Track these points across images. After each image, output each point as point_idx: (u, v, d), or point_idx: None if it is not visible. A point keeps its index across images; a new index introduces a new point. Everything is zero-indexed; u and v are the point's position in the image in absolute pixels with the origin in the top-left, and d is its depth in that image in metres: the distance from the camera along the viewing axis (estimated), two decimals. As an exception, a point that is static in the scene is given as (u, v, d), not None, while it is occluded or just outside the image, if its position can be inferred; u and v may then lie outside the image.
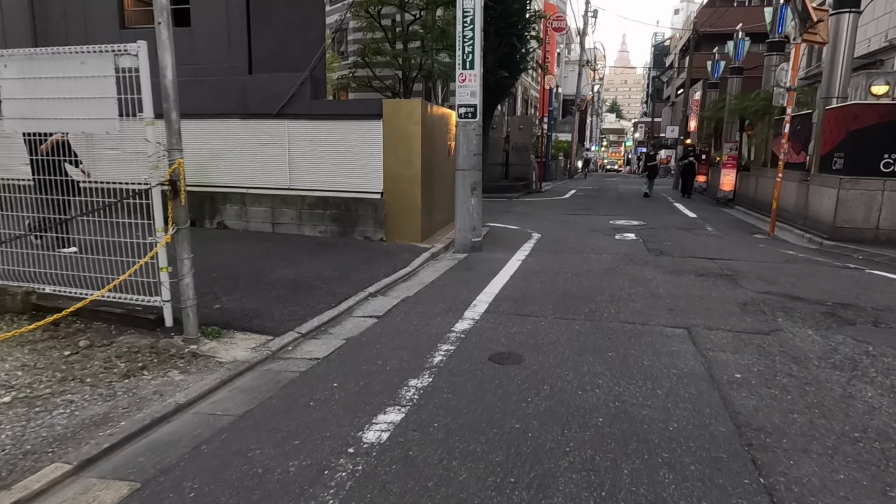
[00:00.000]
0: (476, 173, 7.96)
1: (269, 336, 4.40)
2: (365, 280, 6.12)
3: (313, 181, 8.52)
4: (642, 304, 5.40)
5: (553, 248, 8.64)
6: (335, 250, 7.60)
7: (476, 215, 8.02)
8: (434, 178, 8.89)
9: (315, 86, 8.44)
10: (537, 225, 11.23)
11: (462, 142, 7.84)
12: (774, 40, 15.19)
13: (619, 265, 7.29)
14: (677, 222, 12.07)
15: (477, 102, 7.72)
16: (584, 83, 39.06)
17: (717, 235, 10.23)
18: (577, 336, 4.49)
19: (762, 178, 14.30)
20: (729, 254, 8.24)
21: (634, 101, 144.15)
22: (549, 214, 13.39)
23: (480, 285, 6.16)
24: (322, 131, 8.37)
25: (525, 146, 21.81)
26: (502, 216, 12.84)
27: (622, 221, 11.88)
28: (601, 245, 8.90)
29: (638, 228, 10.86)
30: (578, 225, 11.38)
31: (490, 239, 9.40)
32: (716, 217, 13.43)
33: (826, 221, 9.92)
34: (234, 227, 8.90)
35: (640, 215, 13.20)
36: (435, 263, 7.43)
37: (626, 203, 16.81)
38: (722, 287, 6.15)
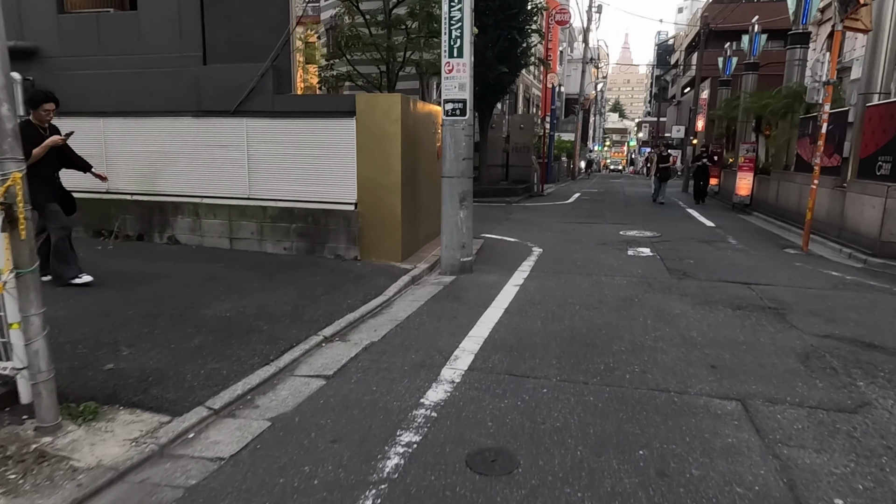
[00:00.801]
0: (466, 181, 6.72)
1: (166, 415, 3.17)
2: (323, 317, 4.89)
3: (276, 190, 7.29)
4: (674, 357, 4.16)
5: (557, 267, 7.40)
6: (297, 273, 6.36)
7: (466, 230, 6.79)
8: (419, 186, 7.65)
9: (279, 78, 7.21)
10: (539, 236, 9.99)
11: (449, 144, 6.60)
12: (798, 32, 13.93)
13: (637, 293, 6.05)
14: (695, 233, 10.82)
15: (467, 97, 6.48)
16: (588, 81, 37.80)
17: (744, 250, 8.97)
18: (593, 415, 3.25)
19: (785, 183, 13.04)
20: (764, 276, 6.99)
21: (637, 101, 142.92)
22: (551, 222, 12.14)
23: (467, 323, 4.92)
24: (287, 131, 7.14)
25: (526, 147, 20.57)
26: (500, 224, 11.60)
27: (634, 232, 10.63)
28: (613, 263, 7.66)
29: (652, 241, 9.61)
30: (585, 236, 10.14)
31: (484, 255, 8.16)
32: (736, 226, 12.16)
33: (869, 235, 8.67)
34: (187, 243, 7.67)
35: (653, 224, 11.95)
36: (415, 290, 6.20)
37: (635, 209, 15.56)
38: (769, 327, 4.90)
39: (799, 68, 13.82)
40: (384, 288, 5.95)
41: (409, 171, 7.16)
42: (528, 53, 18.23)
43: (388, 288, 5.97)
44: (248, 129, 7.25)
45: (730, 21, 28.66)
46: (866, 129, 9.26)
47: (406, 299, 5.80)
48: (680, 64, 49.11)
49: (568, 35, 46.61)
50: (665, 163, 16.86)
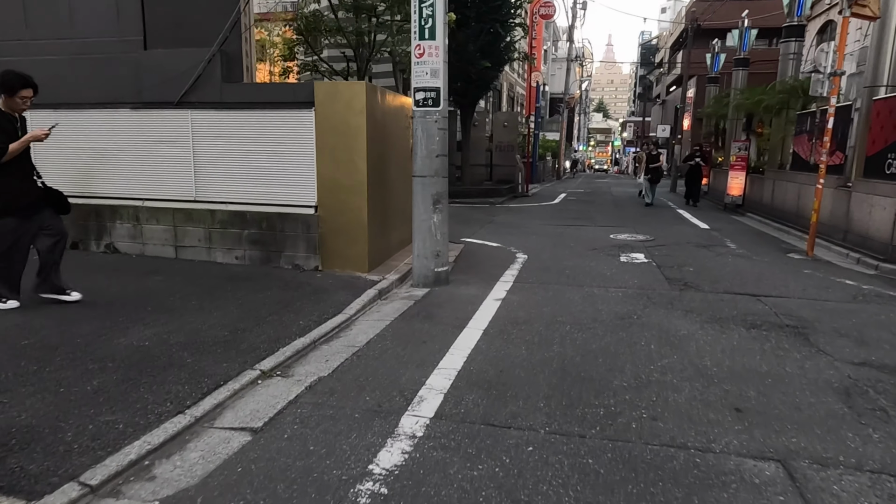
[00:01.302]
0: (440, 181, 5.92)
1: (18, 500, 2.33)
2: (265, 344, 4.06)
3: (226, 191, 6.44)
4: (689, 396, 3.39)
5: (544, 277, 6.63)
6: (245, 287, 5.52)
7: (441, 236, 5.99)
8: (390, 187, 6.84)
9: (228, 64, 6.36)
10: (524, 240, 9.22)
11: (420, 139, 5.80)
12: (793, 24, 13.32)
13: (636, 308, 5.29)
14: (690, 236, 10.12)
15: (440, 85, 5.68)
16: (573, 79, 37.22)
17: (745, 255, 8.27)
18: (594, 489, 2.45)
19: (781, 183, 12.42)
20: (774, 286, 6.28)
21: (621, 101, 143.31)
22: (537, 225, 11.39)
23: (438, 350, 4.13)
24: (237, 125, 6.29)
25: (510, 145, 19.83)
26: (482, 228, 10.82)
27: (625, 235, 9.90)
28: (606, 272, 6.90)
29: (646, 245, 8.88)
30: (573, 240, 9.38)
31: (463, 263, 7.37)
32: (732, 228, 11.49)
33: (879, 238, 8.01)
34: (128, 251, 6.78)
35: (644, 227, 11.24)
36: (382, 306, 5.38)
37: (624, 210, 14.86)
38: (794, 352, 4.16)
39: (794, 62, 13.23)
40: (345, 304, 5.13)
41: (377, 170, 6.34)
42: (511, 48, 17.50)
43: (349, 304, 5.15)
44: (193, 123, 6.38)
45: (715, 18, 28.22)
46: (874, 124, 8.62)
47: (370, 318, 4.99)
48: (665, 62, 48.81)
49: (552, 33, 46.06)
50: (655, 162, 16.02)
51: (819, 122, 10.64)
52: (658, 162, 16.23)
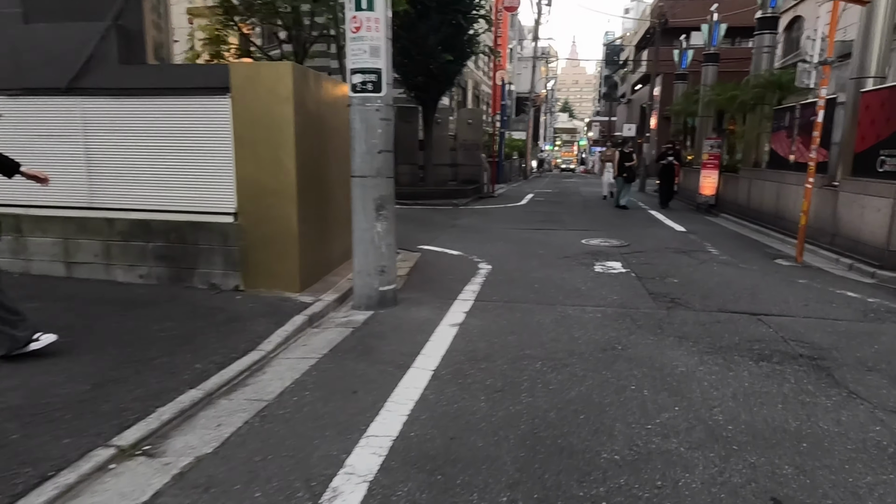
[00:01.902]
0: (384, 182, 4.93)
1: None
2: (139, 402, 3.02)
3: (127, 196, 5.32)
4: (705, 478, 2.47)
5: (509, 292, 5.70)
6: (140, 316, 4.43)
7: (386, 249, 4.99)
8: (329, 190, 5.81)
9: (126, 42, 5.24)
10: (488, 247, 8.29)
11: (359, 132, 4.79)
12: (766, 16, 12.73)
13: (620, 334, 4.39)
14: (667, 240, 9.35)
15: (382, 66, 4.69)
16: (538, 77, 36.63)
17: (731, 263, 7.50)
18: None
19: (758, 182, 11.79)
20: (773, 301, 5.48)
21: (586, 101, 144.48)
22: (503, 229, 10.48)
23: (371, 405, 3.14)
24: (139, 115, 5.18)
25: (475, 144, 18.93)
26: (443, 232, 9.85)
27: (598, 241, 9.06)
28: (580, 286, 6.01)
29: (622, 252, 8.04)
30: (542, 246, 8.49)
31: (417, 276, 6.40)
32: (709, 231, 10.79)
33: (872, 243, 7.34)
34: (8, 269, 5.58)
35: (618, 230, 10.44)
36: (311, 337, 4.36)
37: (594, 212, 14.09)
38: (821, 397, 3.30)
39: (768, 56, 12.64)
40: (263, 337, 4.10)
41: (311, 170, 5.32)
42: (475, 41, 16.59)
43: (268, 337, 4.12)
44: (85, 113, 5.25)
45: (681, 16, 27.91)
46: (862, 118, 7.96)
47: (292, 355, 3.97)
48: (630, 59, 48.74)
49: (517, 32, 45.50)
50: (629, 161, 15.14)
51: (800, 118, 10.01)
52: (632, 161, 15.29)
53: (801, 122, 9.94)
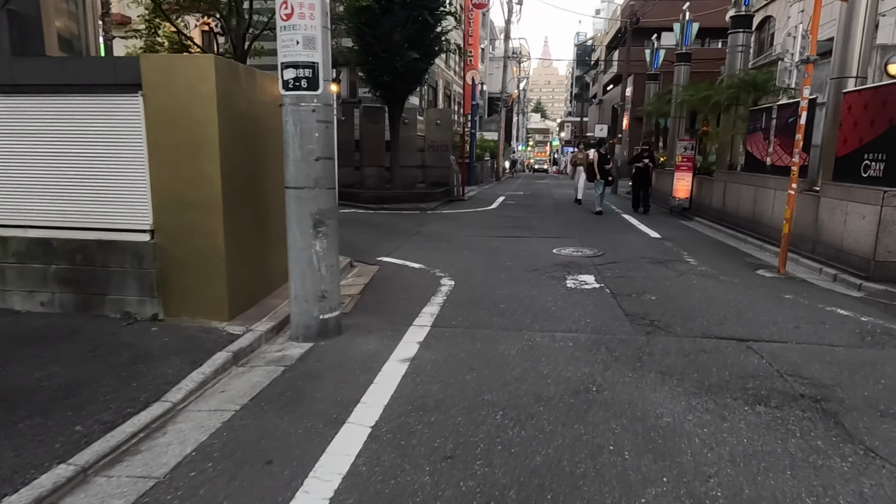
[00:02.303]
0: (323, 195, 4.26)
1: None
2: (-24, 492, 2.32)
3: (23, 211, 4.56)
4: None
5: (472, 315, 5.08)
6: (24, 358, 3.69)
7: (327, 270, 4.33)
8: (268, 200, 5.12)
9: (20, 29, 4.48)
10: (453, 259, 7.67)
11: (293, 136, 4.12)
12: (741, 14, 12.37)
13: (594, 370, 3.81)
14: (642, 248, 8.85)
15: (318, 59, 4.02)
16: (510, 77, 36.20)
17: (711, 274, 7.01)
18: None
19: (733, 185, 11.41)
20: (760, 322, 4.97)
21: (558, 102, 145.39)
22: (471, 237, 9.87)
23: (287, 483, 2.50)
24: (37, 116, 4.43)
25: (444, 145, 18.31)
26: (407, 241, 9.21)
27: (570, 250, 8.51)
28: (550, 305, 5.43)
29: (595, 263, 7.50)
30: (511, 257, 7.90)
31: (372, 295, 5.75)
32: (684, 237, 10.35)
33: (858, 252, 6.94)
34: None
35: (590, 237, 9.93)
36: (233, 380, 3.69)
37: (566, 216, 13.58)
38: (836, 458, 2.75)
39: (742, 55, 12.29)
40: (172, 383, 3.42)
41: (242, 180, 4.63)
42: (442, 39, 15.97)
43: (179, 382, 3.44)
44: (-28, 113, 4.48)
45: (652, 17, 27.73)
46: (845, 120, 7.56)
47: (205, 407, 3.29)
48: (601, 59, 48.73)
49: (489, 32, 45.05)
50: (608, 163, 14.30)
51: (777, 119, 9.63)
52: (610, 163, 14.53)
53: (779, 123, 9.55)
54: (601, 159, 14.20)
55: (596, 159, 14.25)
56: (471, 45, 34.30)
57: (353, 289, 6.04)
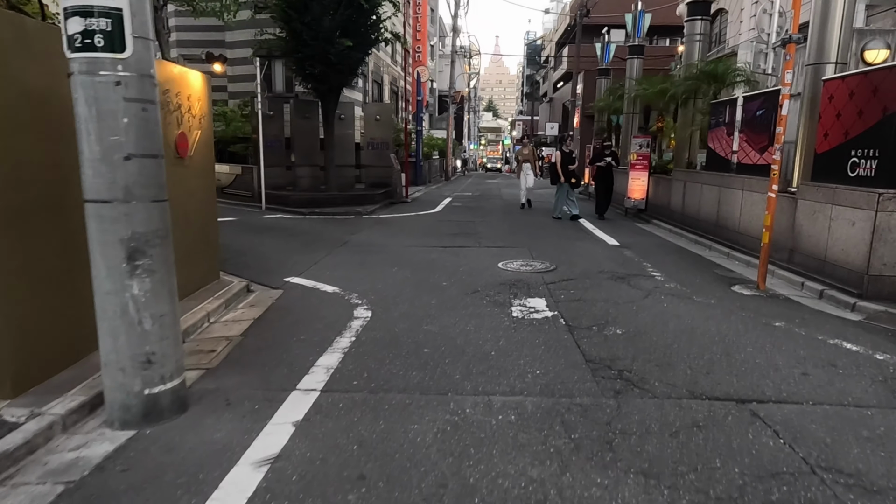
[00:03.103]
0: (143, 210, 2.84)
1: None
2: None
3: None
4: None
5: (383, 372, 3.75)
6: None
7: (153, 323, 2.91)
8: (81, 216, 3.64)
9: None
10: (377, 278, 6.33)
11: (86, 120, 2.69)
12: (698, 0, 11.46)
13: (544, 474, 2.54)
14: (599, 259, 7.72)
15: (123, 5, 2.62)
16: (459, 72, 35.05)
17: (683, 294, 5.89)
18: None
19: (694, 186, 10.48)
20: (758, 368, 3.83)
21: (510, 100, 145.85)
22: (405, 247, 8.55)
23: None
24: None
25: (385, 143, 16.93)
26: (329, 253, 7.80)
27: (518, 263, 7.30)
28: (489, 348, 4.15)
29: (547, 281, 6.30)
30: (448, 274, 6.62)
31: (255, 339, 4.35)
32: (644, 243, 9.31)
33: (845, 264, 5.97)
34: None
35: (540, 245, 8.76)
36: (-38, 520, 2.25)
37: (515, 219, 12.41)
38: None
39: (701, 44, 11.40)
40: None
41: (28, 189, 3.17)
42: (379, 26, 14.57)
43: None
44: None
45: (600, 11, 27.05)
46: (825, 112, 6.60)
47: None
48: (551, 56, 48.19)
49: (438, 29, 43.82)
50: (572, 163, 12.50)
51: (743, 113, 8.68)
52: (575, 163, 12.77)
53: (746, 117, 8.61)
54: (565, 158, 12.45)
55: (559, 159, 12.51)
56: (419, 41, 33.01)
57: (235, 328, 4.63)
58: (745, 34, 15.72)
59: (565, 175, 12.33)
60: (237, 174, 15.89)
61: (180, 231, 4.91)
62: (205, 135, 5.52)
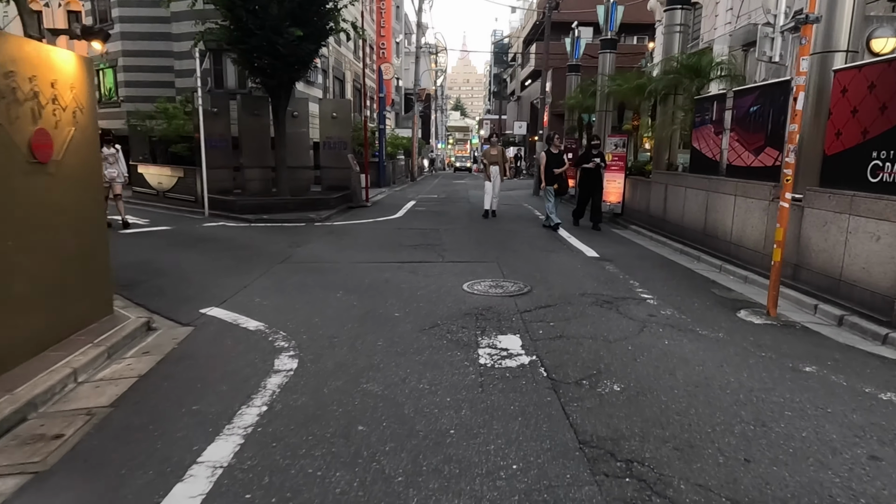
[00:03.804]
0: None
1: None
2: None
3: None
4: None
5: (294, 467, 2.62)
6: None
7: None
8: None
9: None
10: (314, 308, 5.19)
11: None
12: (678, -12, 10.59)
13: None
14: (581, 277, 6.72)
15: None
16: (424, 68, 33.92)
17: (684, 326, 4.90)
18: None
19: (676, 189, 9.59)
20: (812, 455, 2.84)
21: (477, 100, 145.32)
22: (355, 265, 7.41)
23: None
24: None
25: (342, 142, 15.68)
26: (265, 273, 6.61)
27: (486, 284, 6.24)
28: (446, 423, 3.06)
29: (521, 309, 5.24)
30: (402, 302, 5.51)
31: (129, 414, 3.17)
32: (627, 255, 8.36)
33: (869, 285, 5.08)
34: None
35: (512, 259, 7.73)
36: None
37: (483, 227, 11.35)
38: None
39: (681, 35, 10.54)
40: None
41: None
42: (334, 15, 13.34)
43: None
44: None
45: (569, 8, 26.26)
46: (837, 107, 5.72)
47: None
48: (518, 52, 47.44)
49: (404, 26, 42.61)
50: (560, 165, 10.74)
51: (735, 109, 7.80)
52: (563, 165, 10.86)
53: (737, 114, 7.73)
54: (550, 161, 10.68)
55: (543, 161, 10.84)
56: (383, 37, 31.76)
57: (108, 392, 3.44)
58: (720, 28, 14.99)
59: (548, 179, 10.66)
60: (179, 177, 14.48)
61: (41, 259, 3.72)
62: (84, 134, 4.30)
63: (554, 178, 10.66)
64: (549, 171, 10.67)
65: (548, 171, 10.68)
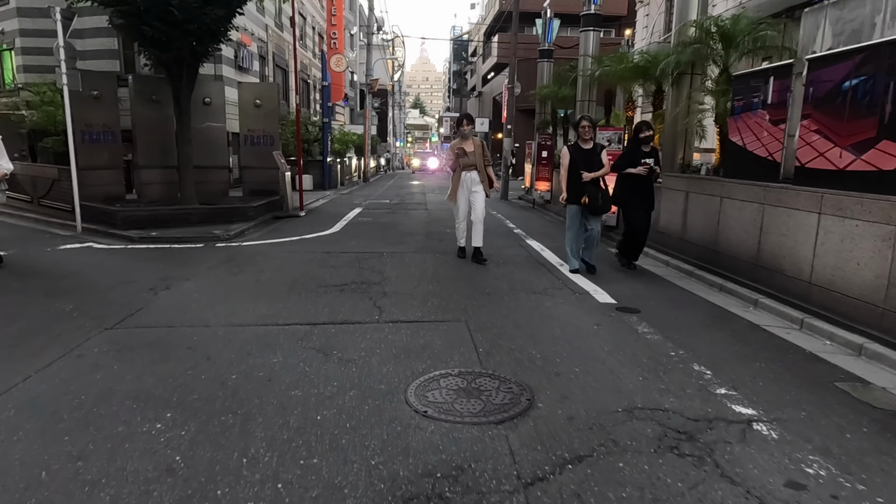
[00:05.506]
0: None
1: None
2: None
3: None
4: None
5: None
6: None
7: None
8: None
9: None
10: (102, 467, 2.35)
11: None
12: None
13: None
14: (612, 364, 4.04)
15: None
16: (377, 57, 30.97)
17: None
18: None
19: (706, 200, 7.02)
20: None
21: (437, 98, 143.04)
22: (231, 332, 4.55)
23: None
24: None
25: (268, 136, 12.69)
26: (63, 357, 3.63)
27: (451, 390, 3.49)
28: None
29: (523, 475, 2.53)
30: (273, 455, 2.73)
31: None
32: (655, 297, 5.74)
33: None
34: None
35: (487, 317, 5.03)
36: None
37: (443, 248, 8.57)
38: None
39: (700, 1, 8.05)
40: None
41: None
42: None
43: None
44: None
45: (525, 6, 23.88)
46: None
47: None
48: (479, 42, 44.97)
49: (358, 18, 39.59)
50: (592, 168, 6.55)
51: (812, 86, 5.27)
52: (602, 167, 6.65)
53: (819, 92, 5.21)
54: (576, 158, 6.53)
55: (567, 161, 6.59)
56: (334, 26, 28.79)
57: None
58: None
59: (571, 190, 6.50)
60: (54, 179, 11.21)
61: None
62: None
63: (580, 189, 6.44)
64: (575, 178, 6.45)
65: (571, 178, 6.48)
